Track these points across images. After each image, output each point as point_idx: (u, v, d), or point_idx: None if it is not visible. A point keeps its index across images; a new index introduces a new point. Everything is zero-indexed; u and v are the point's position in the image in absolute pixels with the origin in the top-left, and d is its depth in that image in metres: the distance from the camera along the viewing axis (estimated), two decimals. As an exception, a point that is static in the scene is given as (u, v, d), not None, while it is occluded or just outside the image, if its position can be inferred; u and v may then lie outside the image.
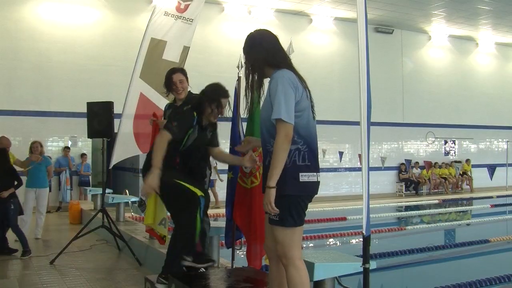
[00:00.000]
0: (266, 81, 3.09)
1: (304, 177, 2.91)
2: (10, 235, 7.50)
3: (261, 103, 3.15)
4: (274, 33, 3.30)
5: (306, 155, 2.94)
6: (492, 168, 16.05)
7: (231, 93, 4.35)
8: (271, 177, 2.83)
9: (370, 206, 3.33)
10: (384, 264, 6.74)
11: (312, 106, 3.07)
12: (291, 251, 2.94)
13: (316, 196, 3.06)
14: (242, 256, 5.11)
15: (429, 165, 17.81)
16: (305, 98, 2.98)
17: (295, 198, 2.93)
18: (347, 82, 16.09)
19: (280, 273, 3.11)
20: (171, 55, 6.03)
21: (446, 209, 14.68)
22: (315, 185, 2.98)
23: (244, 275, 4.34)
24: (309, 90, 3.06)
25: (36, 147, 8.73)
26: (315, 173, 2.97)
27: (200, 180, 4.32)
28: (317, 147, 3.07)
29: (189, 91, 4.65)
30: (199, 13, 6.21)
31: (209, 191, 4.51)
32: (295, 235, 2.97)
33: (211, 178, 13.43)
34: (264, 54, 3.08)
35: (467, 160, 19.32)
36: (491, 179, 16.22)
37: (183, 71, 4.68)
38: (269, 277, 3.30)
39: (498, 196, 16.13)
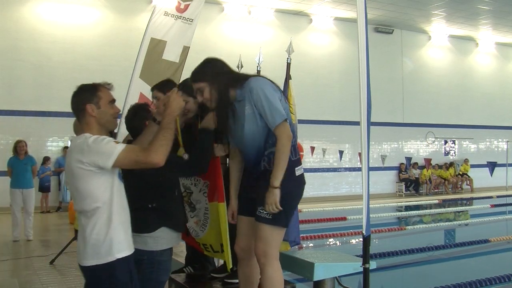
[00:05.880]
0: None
1: (298, 170, 3.06)
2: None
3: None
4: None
5: (295, 149, 3.09)
6: (492, 164, 15.99)
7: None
8: (276, 177, 2.89)
9: (370, 206, 3.33)
10: (384, 264, 6.73)
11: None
12: (272, 250, 2.99)
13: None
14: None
15: (428, 162, 17.71)
16: (282, 97, 3.08)
17: (294, 197, 3.04)
18: (347, 82, 16.08)
19: (250, 271, 3.20)
20: (171, 55, 6.01)
21: (446, 209, 14.68)
22: (304, 177, 3.14)
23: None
24: (281, 90, 3.17)
25: (21, 147, 8.65)
26: (301, 166, 3.14)
27: None
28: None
29: None
30: (199, 13, 6.19)
31: None
32: (280, 235, 3.06)
33: None
34: (231, 75, 3.08)
35: (466, 160, 19.33)
36: (491, 175, 16.19)
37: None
38: (239, 276, 3.35)
39: (498, 196, 16.12)
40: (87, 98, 2.69)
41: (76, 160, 2.56)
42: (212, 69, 3.07)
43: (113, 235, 2.57)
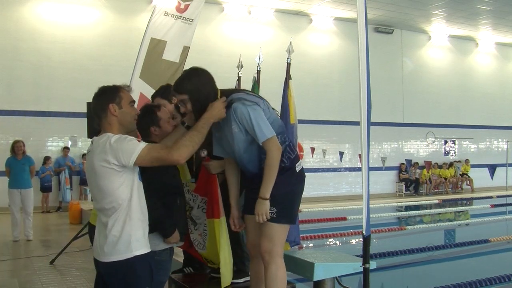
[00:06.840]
0: None
1: (298, 166, 3.13)
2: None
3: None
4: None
5: (292, 147, 3.14)
6: (492, 168, 16.06)
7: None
8: (266, 189, 2.95)
9: (370, 206, 3.34)
10: (384, 264, 6.73)
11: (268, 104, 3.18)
12: (276, 248, 3.04)
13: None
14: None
15: (429, 165, 17.81)
16: (266, 106, 3.07)
17: (297, 194, 3.10)
18: (347, 82, 16.08)
19: (260, 269, 3.22)
20: (171, 55, 6.02)
21: (446, 209, 14.68)
22: (303, 171, 3.20)
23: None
24: (263, 98, 3.12)
25: (19, 147, 8.61)
26: (300, 161, 3.21)
27: None
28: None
29: None
30: (199, 13, 6.20)
31: None
32: (285, 232, 3.11)
33: None
34: (212, 92, 3.00)
35: (466, 160, 19.33)
36: (492, 178, 16.22)
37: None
38: (250, 274, 3.41)
39: (498, 196, 16.11)
40: (110, 98, 2.76)
41: (99, 159, 2.62)
42: (196, 84, 2.96)
43: (131, 233, 2.62)
